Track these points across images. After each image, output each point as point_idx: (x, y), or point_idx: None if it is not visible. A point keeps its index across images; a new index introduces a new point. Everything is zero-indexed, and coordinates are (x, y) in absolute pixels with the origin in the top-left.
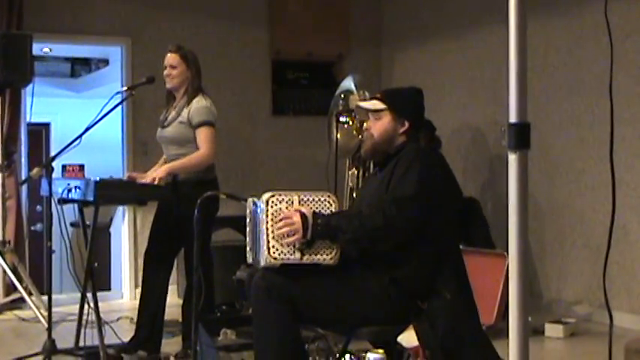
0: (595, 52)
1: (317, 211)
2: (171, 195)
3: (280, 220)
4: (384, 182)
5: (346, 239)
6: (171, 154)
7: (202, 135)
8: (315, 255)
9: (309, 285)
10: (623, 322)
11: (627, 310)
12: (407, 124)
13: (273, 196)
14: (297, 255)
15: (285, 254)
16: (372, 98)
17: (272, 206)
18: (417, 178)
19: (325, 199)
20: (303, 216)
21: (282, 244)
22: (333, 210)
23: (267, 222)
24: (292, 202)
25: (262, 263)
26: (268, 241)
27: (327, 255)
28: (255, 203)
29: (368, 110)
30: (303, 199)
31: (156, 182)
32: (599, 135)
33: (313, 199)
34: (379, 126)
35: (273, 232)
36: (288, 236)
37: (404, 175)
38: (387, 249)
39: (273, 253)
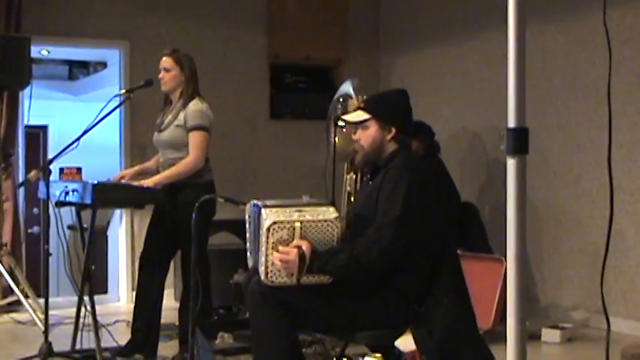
0: (593, 58)
1: (317, 249)
2: (168, 198)
3: (279, 251)
4: (373, 195)
5: (341, 280)
6: (168, 158)
7: (192, 140)
8: (313, 278)
9: (306, 290)
10: (620, 328)
11: (624, 315)
12: (394, 130)
13: (275, 223)
14: (294, 280)
15: (282, 278)
16: (356, 108)
17: (273, 234)
18: (406, 195)
19: (329, 225)
20: (301, 256)
21: (279, 270)
22: (337, 235)
23: (267, 246)
24: (294, 229)
25: (261, 278)
26: (267, 266)
27: (324, 277)
28: (255, 205)
29: (353, 123)
30: (305, 226)
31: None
32: (597, 140)
33: (316, 225)
34: (367, 136)
35: (272, 259)
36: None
37: (392, 193)
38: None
39: (271, 277)
